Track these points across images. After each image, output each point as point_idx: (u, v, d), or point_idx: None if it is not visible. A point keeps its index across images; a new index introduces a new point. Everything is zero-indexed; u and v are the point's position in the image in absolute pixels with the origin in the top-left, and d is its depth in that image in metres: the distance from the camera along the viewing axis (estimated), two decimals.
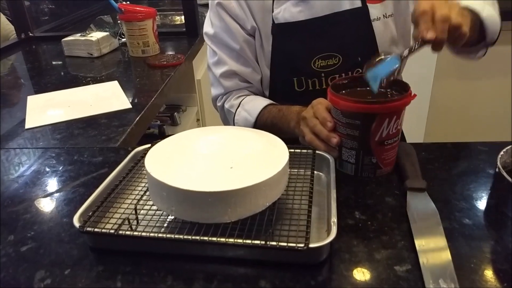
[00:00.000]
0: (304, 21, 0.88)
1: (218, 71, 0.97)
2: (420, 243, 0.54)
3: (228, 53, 0.96)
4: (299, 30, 0.89)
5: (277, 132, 0.69)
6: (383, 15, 0.90)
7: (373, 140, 0.65)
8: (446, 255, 0.51)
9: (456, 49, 0.86)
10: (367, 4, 0.88)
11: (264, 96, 1.03)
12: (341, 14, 0.88)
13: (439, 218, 0.58)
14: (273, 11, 0.89)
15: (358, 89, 0.72)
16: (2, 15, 2.08)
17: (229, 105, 1.00)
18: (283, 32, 0.90)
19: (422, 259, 0.51)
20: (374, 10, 0.89)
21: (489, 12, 0.80)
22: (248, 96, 1.00)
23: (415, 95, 0.65)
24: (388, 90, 0.69)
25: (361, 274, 0.50)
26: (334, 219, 0.53)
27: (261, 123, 0.93)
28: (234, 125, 0.99)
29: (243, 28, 0.93)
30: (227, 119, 1.02)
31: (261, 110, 0.93)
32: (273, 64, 0.94)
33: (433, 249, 0.53)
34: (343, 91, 0.72)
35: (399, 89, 0.69)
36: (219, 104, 1.03)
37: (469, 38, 0.76)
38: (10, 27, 2.09)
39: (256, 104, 0.95)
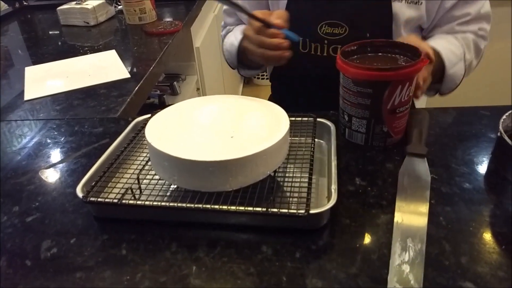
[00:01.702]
0: None
1: (224, 6, 1.01)
2: (400, 205, 0.55)
3: None
4: None
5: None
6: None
7: (385, 108, 0.63)
8: (423, 220, 0.52)
9: None
10: None
11: None
12: None
13: (429, 184, 0.58)
14: None
15: (369, 54, 0.70)
16: None
17: (225, 32, 1.04)
18: None
19: (397, 218, 0.53)
20: None
21: (457, 71, 0.84)
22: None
23: (427, 60, 0.63)
24: (398, 55, 0.68)
25: (361, 238, 0.51)
26: (334, 186, 0.54)
27: (241, 48, 0.91)
28: (224, 51, 1.01)
29: None
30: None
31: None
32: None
33: (411, 212, 0.54)
34: (354, 57, 0.69)
35: (409, 55, 0.67)
36: (222, 33, 1.06)
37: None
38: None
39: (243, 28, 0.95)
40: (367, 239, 0.51)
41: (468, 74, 0.89)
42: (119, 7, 1.67)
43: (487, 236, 0.50)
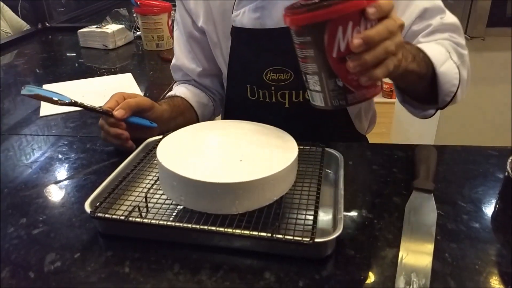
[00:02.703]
0: (258, 30, 0.84)
1: (173, 61, 1.03)
2: (406, 239, 0.55)
3: (178, 44, 1.00)
4: (254, 38, 0.85)
5: None
6: None
7: (331, 57, 0.52)
8: (428, 255, 0.52)
9: (401, 97, 0.82)
10: None
11: (222, 100, 1.05)
12: None
13: (435, 220, 0.58)
14: (232, 13, 0.86)
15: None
16: (10, 10, 2.11)
17: (175, 85, 1.07)
18: (239, 37, 0.87)
19: (402, 253, 0.52)
20: None
21: (449, 68, 0.74)
22: (184, 85, 1.03)
23: None
24: None
25: (365, 270, 0.51)
26: (340, 215, 0.54)
27: None
28: None
29: (194, 23, 0.93)
30: None
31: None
32: (230, 67, 0.92)
33: (416, 247, 0.54)
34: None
35: None
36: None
37: (416, 89, 0.75)
38: (22, 22, 2.13)
39: (172, 92, 1.00)
40: (372, 272, 0.51)
41: (463, 84, 0.78)
42: (138, 33, 1.72)
43: (493, 275, 0.50)
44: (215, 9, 0.88)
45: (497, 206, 0.62)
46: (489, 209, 0.62)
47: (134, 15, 1.73)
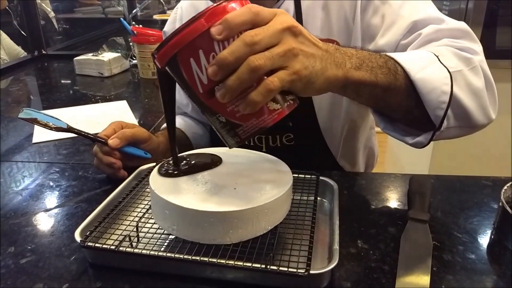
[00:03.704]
0: None
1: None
2: (402, 271, 0.54)
3: None
4: None
5: None
6: None
7: (199, 93, 0.46)
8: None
9: (382, 123, 0.66)
10: None
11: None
12: None
13: (431, 251, 0.57)
14: None
15: None
16: (8, 38, 2.13)
17: None
18: None
19: (398, 284, 0.51)
20: None
21: (433, 74, 0.58)
22: (180, 116, 1.03)
23: (211, 11, 0.43)
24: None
25: None
26: (336, 246, 0.53)
27: None
28: None
29: None
30: None
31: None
32: None
33: (413, 278, 0.53)
34: None
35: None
36: None
37: (391, 107, 0.60)
38: (18, 49, 2.15)
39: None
40: None
41: (469, 88, 0.60)
42: (134, 61, 1.73)
43: None
44: None
45: (493, 236, 0.62)
46: (484, 240, 0.61)
47: (131, 44, 1.75)
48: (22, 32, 2.23)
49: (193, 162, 0.62)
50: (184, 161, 0.62)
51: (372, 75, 0.53)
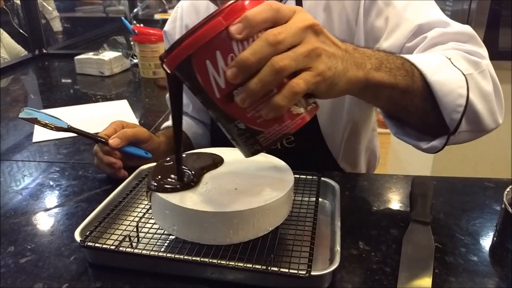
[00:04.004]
0: None
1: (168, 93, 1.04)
2: (403, 272, 0.53)
3: None
4: None
5: None
6: None
7: (215, 98, 0.43)
8: None
9: (394, 128, 0.66)
10: None
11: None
12: None
13: (433, 253, 0.57)
14: None
15: None
16: (8, 37, 2.13)
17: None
18: None
19: (400, 286, 0.51)
20: None
21: (449, 76, 0.57)
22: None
23: (229, 8, 0.40)
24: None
25: None
26: (337, 247, 0.53)
27: None
28: None
29: None
30: None
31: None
32: None
33: (414, 280, 0.52)
34: None
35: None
36: None
37: (408, 111, 0.59)
38: (19, 48, 2.15)
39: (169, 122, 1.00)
40: None
41: (480, 92, 0.60)
42: (135, 60, 1.73)
43: None
44: None
45: (495, 239, 0.61)
46: (486, 242, 0.61)
47: (132, 43, 1.74)
48: (21, 31, 2.23)
49: (193, 165, 0.61)
50: (185, 164, 0.62)
51: (391, 77, 0.52)
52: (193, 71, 0.41)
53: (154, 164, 0.67)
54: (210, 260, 0.50)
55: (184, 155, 0.65)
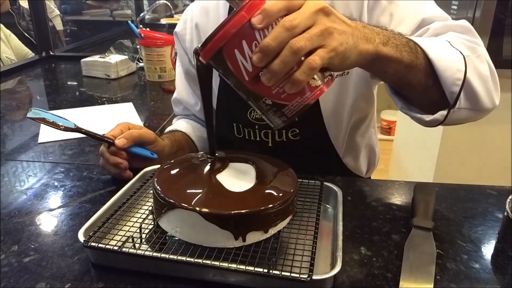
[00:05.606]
0: None
1: (174, 94, 1.05)
2: (405, 279, 0.53)
3: (179, 79, 1.02)
4: None
5: None
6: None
7: (245, 81, 0.50)
8: None
9: (399, 103, 0.70)
10: None
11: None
12: None
13: (434, 259, 0.57)
14: None
15: None
16: (16, 39, 2.15)
17: (174, 120, 1.08)
18: None
19: None
20: None
21: (448, 53, 0.63)
22: (185, 119, 1.04)
23: (250, 4, 0.47)
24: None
25: None
26: (339, 252, 0.53)
27: None
28: None
29: (191, 62, 0.96)
30: None
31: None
32: (218, 105, 0.93)
33: (416, 286, 0.52)
34: None
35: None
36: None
37: (412, 85, 0.63)
38: (26, 49, 2.17)
39: (173, 126, 1.02)
40: None
41: (477, 72, 0.64)
42: (141, 64, 1.74)
43: None
44: None
45: (497, 246, 0.61)
46: (488, 249, 0.61)
47: (138, 46, 1.76)
48: (26, 33, 2.25)
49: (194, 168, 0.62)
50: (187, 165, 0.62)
51: (397, 52, 0.57)
52: (225, 60, 0.49)
53: (158, 166, 0.68)
54: (212, 263, 0.50)
55: (187, 157, 0.66)
